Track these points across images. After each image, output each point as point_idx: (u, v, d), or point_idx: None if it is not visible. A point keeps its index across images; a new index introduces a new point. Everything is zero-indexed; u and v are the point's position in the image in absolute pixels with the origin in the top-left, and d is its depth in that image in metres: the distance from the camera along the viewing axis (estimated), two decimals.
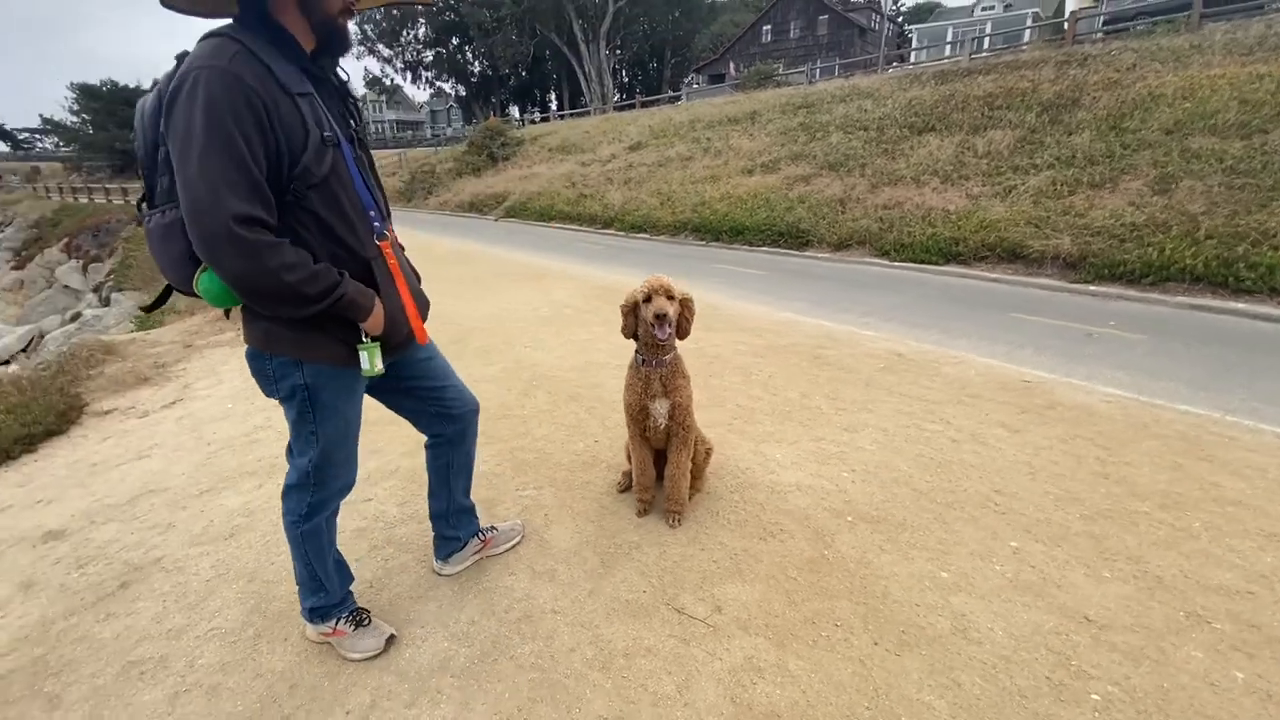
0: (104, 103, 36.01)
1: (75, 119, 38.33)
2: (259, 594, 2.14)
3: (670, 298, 2.12)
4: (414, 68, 48.01)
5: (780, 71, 25.89)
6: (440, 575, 2.19)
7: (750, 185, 12.38)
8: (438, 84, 50.21)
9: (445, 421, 1.92)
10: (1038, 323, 5.45)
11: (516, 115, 44.93)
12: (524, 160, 21.63)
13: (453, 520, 2.15)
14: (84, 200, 29.30)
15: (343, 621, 1.83)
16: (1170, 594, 1.98)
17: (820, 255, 9.44)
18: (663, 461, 2.42)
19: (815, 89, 17.08)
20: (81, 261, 21.17)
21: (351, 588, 1.98)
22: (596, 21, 38.84)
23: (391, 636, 1.85)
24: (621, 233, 13.18)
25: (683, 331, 2.20)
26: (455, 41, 46.27)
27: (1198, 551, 2.19)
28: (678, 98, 27.52)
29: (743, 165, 13.53)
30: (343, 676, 1.76)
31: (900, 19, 45.25)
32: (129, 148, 37.46)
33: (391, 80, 49.72)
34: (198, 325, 6.38)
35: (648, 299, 2.10)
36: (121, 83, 37.53)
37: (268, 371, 1.47)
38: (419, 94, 57.83)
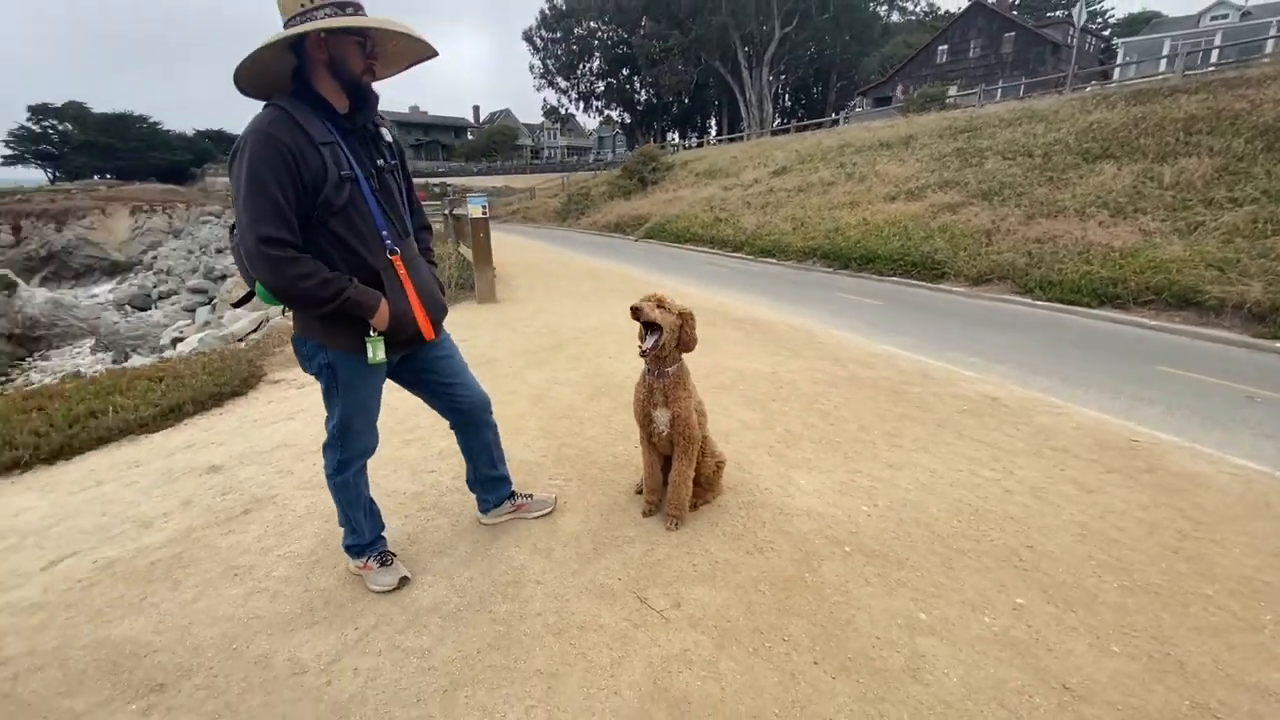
0: None
1: None
2: (329, 532, 2.65)
3: (661, 306, 2.30)
4: (586, 98, 51.85)
5: (952, 93, 24.34)
6: (481, 523, 2.62)
7: (890, 212, 11.86)
8: (606, 112, 53.72)
9: (454, 413, 2.30)
10: (1188, 379, 4.73)
11: (676, 140, 46.60)
12: (671, 184, 22.46)
13: (483, 486, 2.57)
14: None
15: (371, 559, 2.25)
16: (1185, 681, 1.77)
17: (955, 289, 8.82)
18: (670, 467, 2.59)
19: (983, 111, 15.88)
20: None
21: (395, 537, 2.42)
22: (761, 48, 39.20)
23: (405, 578, 2.23)
24: (750, 257, 13.24)
25: (685, 344, 2.38)
26: (625, 72, 49.23)
27: (1250, 645, 1.91)
28: (835, 122, 26.87)
29: (886, 192, 12.99)
30: (362, 601, 2.17)
31: (1107, 32, 40.15)
32: None
33: (566, 109, 54.10)
34: None
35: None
36: None
37: (304, 352, 1.94)
38: (589, 122, 62.11)
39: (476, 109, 75.93)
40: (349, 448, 2.06)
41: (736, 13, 37.36)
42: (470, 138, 67.44)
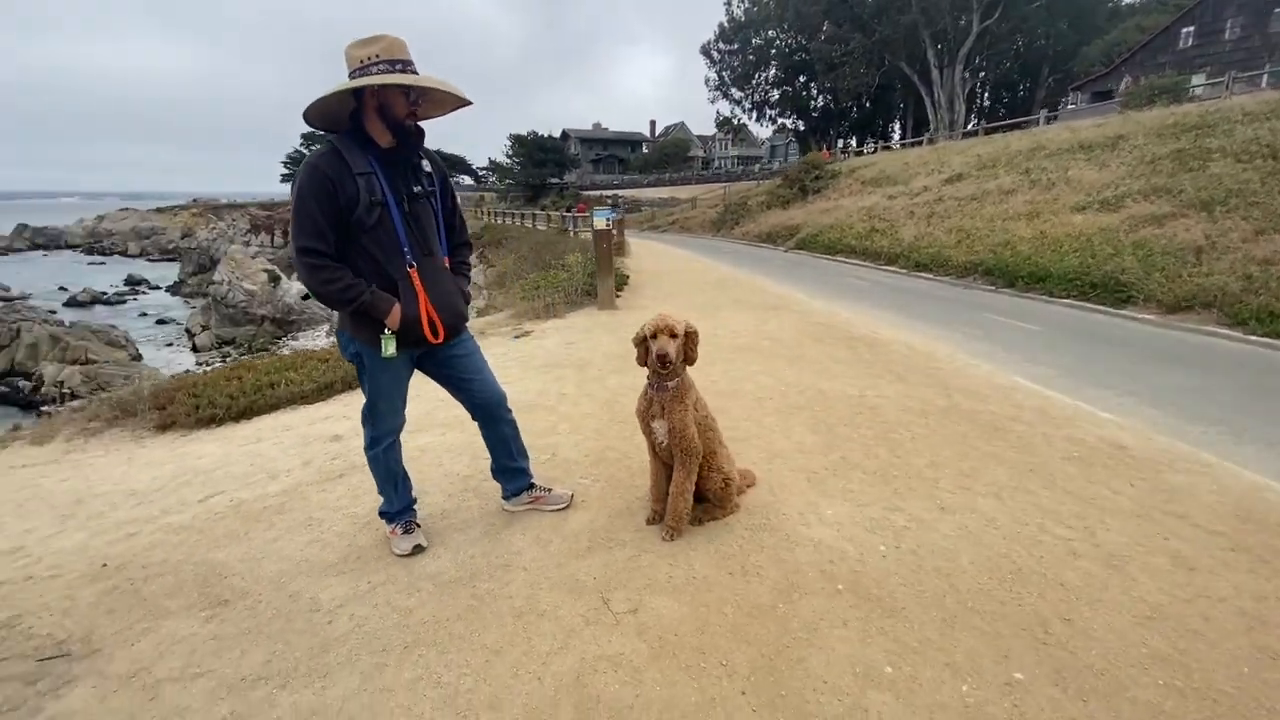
0: (526, 148, 47.61)
1: (509, 160, 51.37)
2: None
3: (674, 336, 2.38)
4: (760, 107, 51.25)
5: (1197, 84, 20.37)
6: (504, 510, 2.87)
7: (1075, 224, 10.35)
8: (780, 120, 52.67)
9: (473, 407, 2.59)
10: None
11: (854, 146, 44.36)
12: (833, 193, 21.56)
13: (504, 476, 2.83)
14: (501, 221, 39.20)
15: (397, 526, 2.60)
16: None
17: (1141, 315, 7.47)
18: None
19: (1222, 104, 13.14)
20: (483, 265, 28.63)
21: (433, 511, 2.80)
22: (955, 45, 35.85)
23: (419, 546, 2.55)
24: (903, 270, 12.32)
25: (690, 359, 2.44)
26: (801, 79, 47.93)
27: None
28: (1033, 122, 23.81)
29: (1075, 201, 11.33)
30: (383, 561, 2.52)
31: None
32: (538, 181, 48.75)
33: (738, 120, 54.07)
34: (523, 311, 8.43)
35: (654, 336, 2.40)
36: (541, 132, 49.16)
37: (341, 341, 2.34)
38: (762, 131, 61.35)
39: (653, 123, 79.05)
40: (377, 425, 2.43)
41: (928, 10, 34.56)
42: (645, 151, 70.33)
